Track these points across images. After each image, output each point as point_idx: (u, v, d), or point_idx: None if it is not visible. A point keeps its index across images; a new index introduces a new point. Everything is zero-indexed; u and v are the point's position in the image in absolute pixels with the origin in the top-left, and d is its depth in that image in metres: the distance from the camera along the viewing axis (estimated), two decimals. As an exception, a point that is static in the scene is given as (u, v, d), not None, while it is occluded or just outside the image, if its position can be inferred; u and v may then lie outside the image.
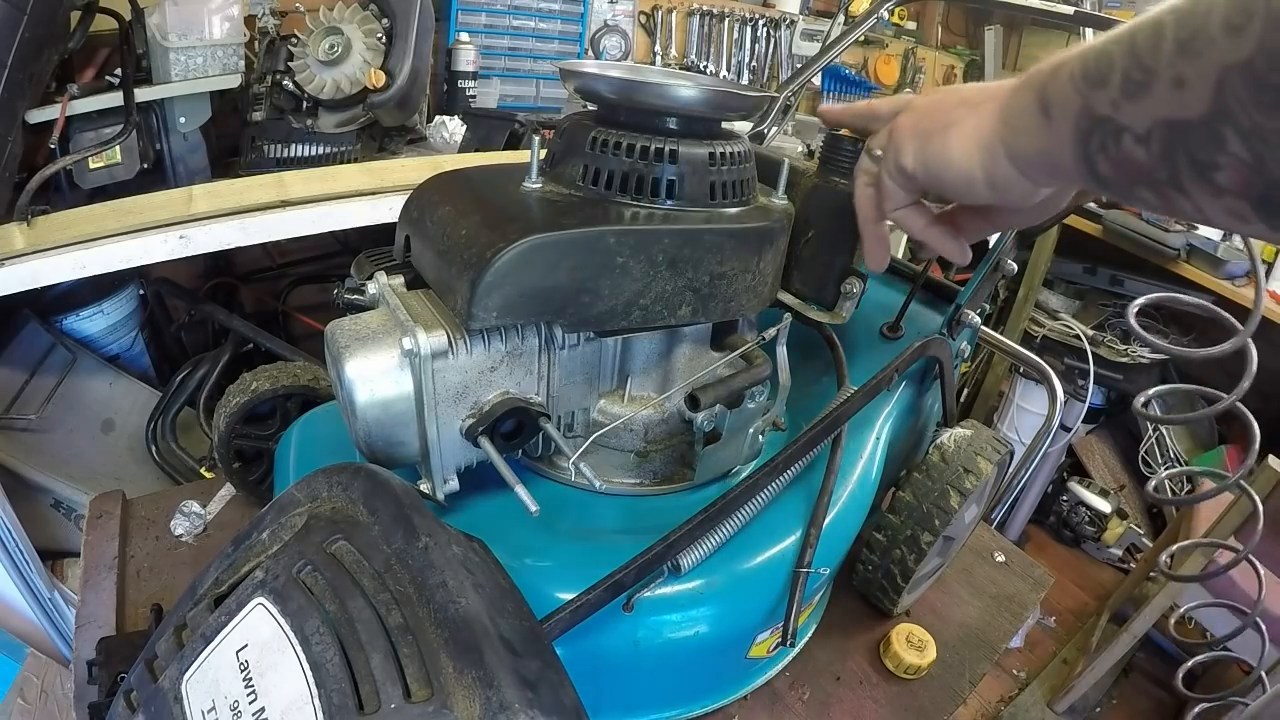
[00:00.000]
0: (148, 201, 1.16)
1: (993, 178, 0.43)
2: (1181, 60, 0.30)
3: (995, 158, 0.43)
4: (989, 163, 0.43)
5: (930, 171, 0.47)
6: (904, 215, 0.53)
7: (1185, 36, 0.29)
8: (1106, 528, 2.19)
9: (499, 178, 0.62)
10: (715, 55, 2.31)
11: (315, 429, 0.77)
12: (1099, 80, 0.34)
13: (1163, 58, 0.30)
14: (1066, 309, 2.21)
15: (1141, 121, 0.32)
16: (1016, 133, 0.41)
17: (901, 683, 0.79)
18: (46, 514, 1.38)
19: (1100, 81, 0.34)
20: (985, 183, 0.44)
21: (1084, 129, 0.35)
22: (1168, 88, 0.30)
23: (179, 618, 0.45)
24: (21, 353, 1.40)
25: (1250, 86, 0.27)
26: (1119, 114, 0.33)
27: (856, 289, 0.65)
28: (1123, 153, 0.34)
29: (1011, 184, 0.43)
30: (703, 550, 0.61)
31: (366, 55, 1.40)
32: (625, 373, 0.66)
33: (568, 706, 0.38)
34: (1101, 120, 0.34)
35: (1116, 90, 0.33)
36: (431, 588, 0.39)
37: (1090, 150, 0.36)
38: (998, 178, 0.43)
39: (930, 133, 0.46)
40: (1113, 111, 0.34)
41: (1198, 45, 0.29)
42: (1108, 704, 1.80)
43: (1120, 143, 0.34)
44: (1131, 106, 0.33)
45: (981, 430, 0.80)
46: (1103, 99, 0.34)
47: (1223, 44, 0.28)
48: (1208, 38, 0.28)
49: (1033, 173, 0.42)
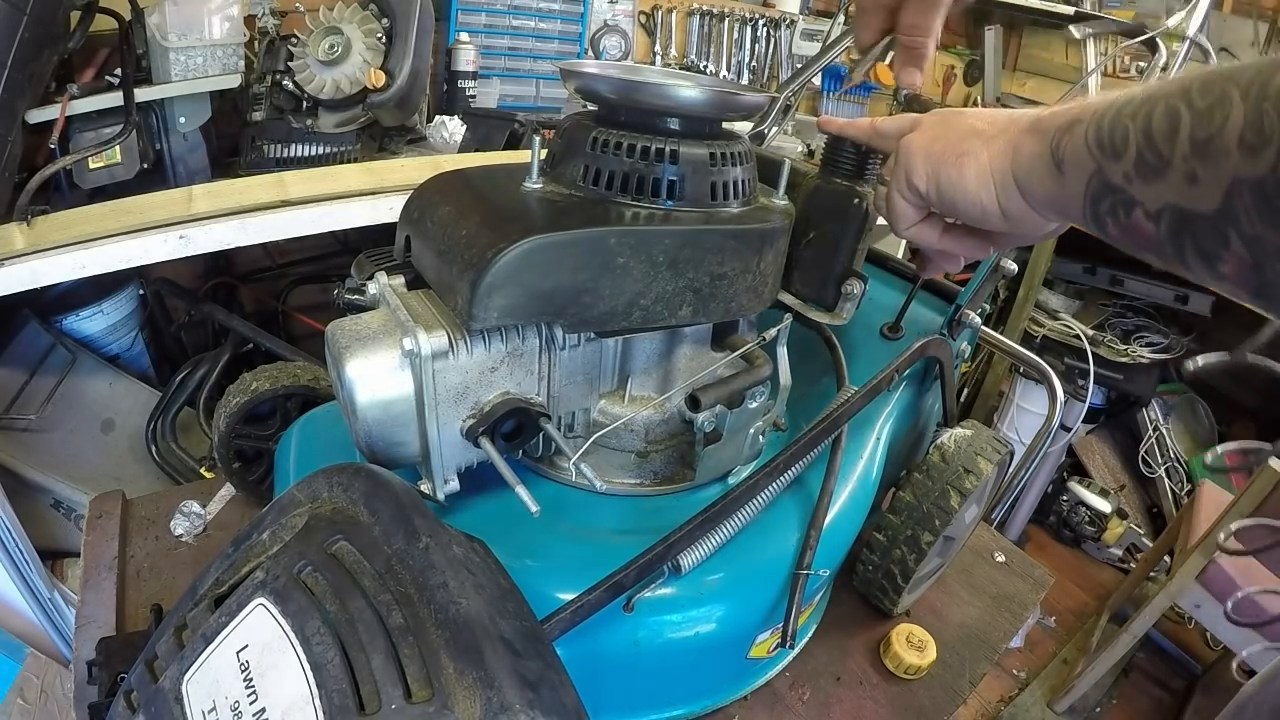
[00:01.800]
0: (148, 201, 1.16)
1: (1007, 211, 0.45)
2: (1195, 159, 0.30)
3: (1009, 194, 0.44)
4: (1003, 197, 0.44)
5: (944, 196, 0.48)
6: (916, 232, 0.54)
7: (1201, 138, 0.30)
8: (1106, 528, 2.19)
9: (499, 178, 0.62)
10: (715, 55, 2.31)
11: (315, 429, 0.77)
12: (1113, 153, 0.35)
13: (1178, 150, 0.31)
14: (1066, 309, 2.21)
15: (1153, 202, 0.33)
16: (1029, 175, 0.42)
17: (901, 683, 0.79)
18: (46, 514, 1.38)
19: (1114, 154, 0.35)
20: (999, 215, 0.45)
21: (1096, 192, 0.36)
22: (1180, 180, 0.31)
23: (179, 618, 0.45)
24: (21, 353, 1.40)
25: (1258, 202, 0.28)
26: (1131, 188, 0.34)
27: (857, 290, 0.65)
28: (1133, 223, 0.35)
29: (1025, 216, 0.44)
30: (703, 551, 0.61)
31: (366, 55, 1.40)
32: (626, 373, 0.66)
33: (568, 707, 0.38)
34: (1114, 189, 0.35)
35: (1131, 166, 0.34)
36: (432, 588, 0.40)
37: (1100, 211, 0.37)
38: (1011, 211, 0.45)
39: (943, 158, 0.47)
40: (1125, 185, 0.34)
41: (1212, 151, 0.30)
42: (1108, 704, 1.80)
43: (1131, 214, 0.35)
44: (1144, 185, 0.33)
45: (981, 430, 0.80)
46: (1116, 170, 0.35)
47: (1237, 158, 0.28)
48: (1223, 148, 0.29)
49: (1044, 211, 0.43)
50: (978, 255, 0.56)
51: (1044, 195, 0.42)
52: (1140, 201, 0.34)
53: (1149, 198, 0.33)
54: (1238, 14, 2.27)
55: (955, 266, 0.60)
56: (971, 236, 0.54)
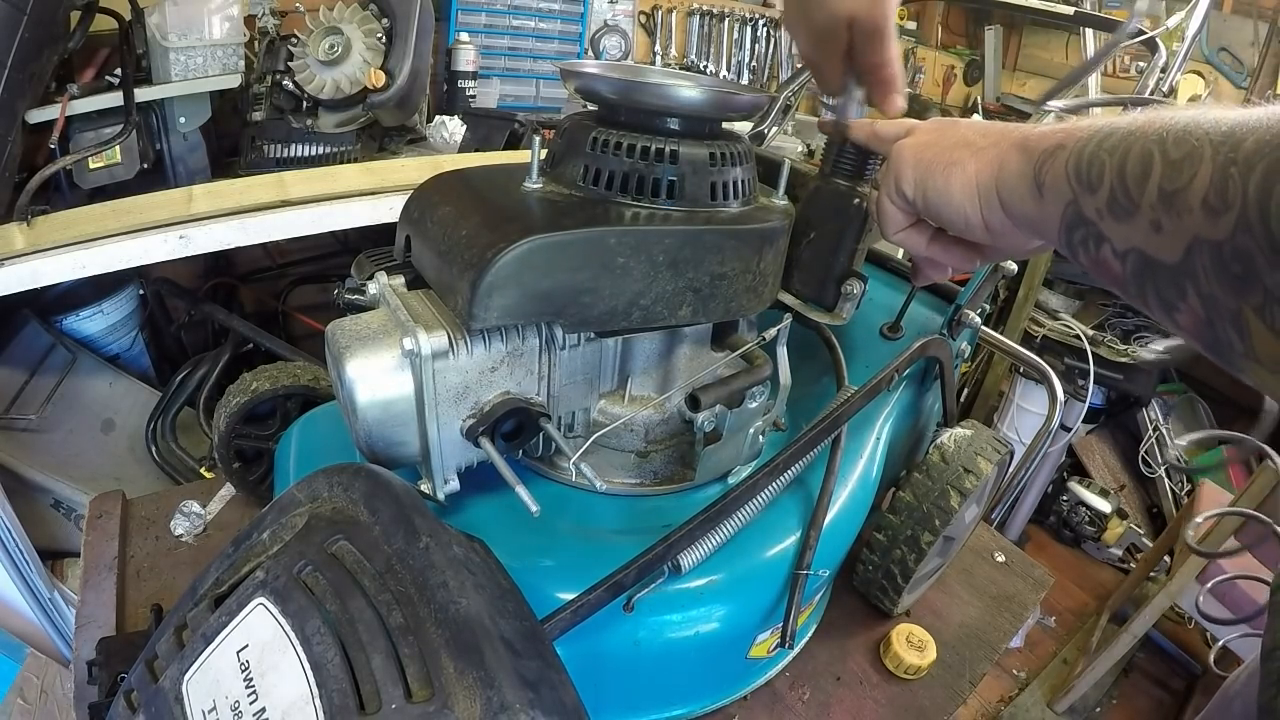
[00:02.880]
0: (148, 201, 1.16)
1: (989, 224, 0.45)
2: (1161, 209, 0.31)
3: (992, 207, 0.44)
4: (986, 210, 0.45)
5: (930, 204, 0.48)
6: (905, 236, 0.54)
7: (1169, 190, 0.30)
8: (1106, 528, 2.19)
9: (499, 178, 0.62)
10: (715, 55, 2.31)
11: (315, 429, 0.77)
12: (1089, 186, 0.35)
13: (1146, 198, 0.31)
14: (1066, 309, 2.21)
15: (1121, 242, 0.34)
16: (1011, 192, 0.42)
17: (901, 683, 0.79)
18: (46, 514, 1.38)
19: (1090, 188, 0.35)
20: (982, 227, 0.46)
21: (1070, 221, 0.37)
22: (1147, 225, 0.32)
23: (179, 618, 0.45)
24: (21, 353, 1.40)
25: (1215, 263, 0.28)
26: (1103, 224, 0.35)
27: (856, 290, 0.65)
28: (1101, 257, 0.35)
29: (1007, 231, 0.45)
30: (703, 550, 0.61)
31: (366, 55, 1.40)
32: (626, 373, 0.66)
33: (568, 706, 0.38)
34: (1087, 221, 0.36)
35: (1104, 203, 0.34)
36: (432, 588, 0.40)
37: (1074, 240, 0.37)
38: (994, 224, 0.45)
39: (932, 166, 0.47)
40: (1098, 220, 0.35)
41: (1177, 206, 0.30)
42: (1108, 704, 1.80)
43: (1100, 249, 0.35)
44: (1114, 224, 0.34)
45: (981, 430, 0.80)
46: (1090, 204, 0.35)
47: (1199, 217, 0.29)
48: (1186, 205, 0.29)
49: (1024, 229, 0.44)
50: (964, 266, 0.57)
51: (1024, 214, 0.42)
52: (1109, 239, 0.34)
53: (1118, 237, 0.34)
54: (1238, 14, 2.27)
55: (943, 276, 0.61)
56: (958, 246, 0.54)
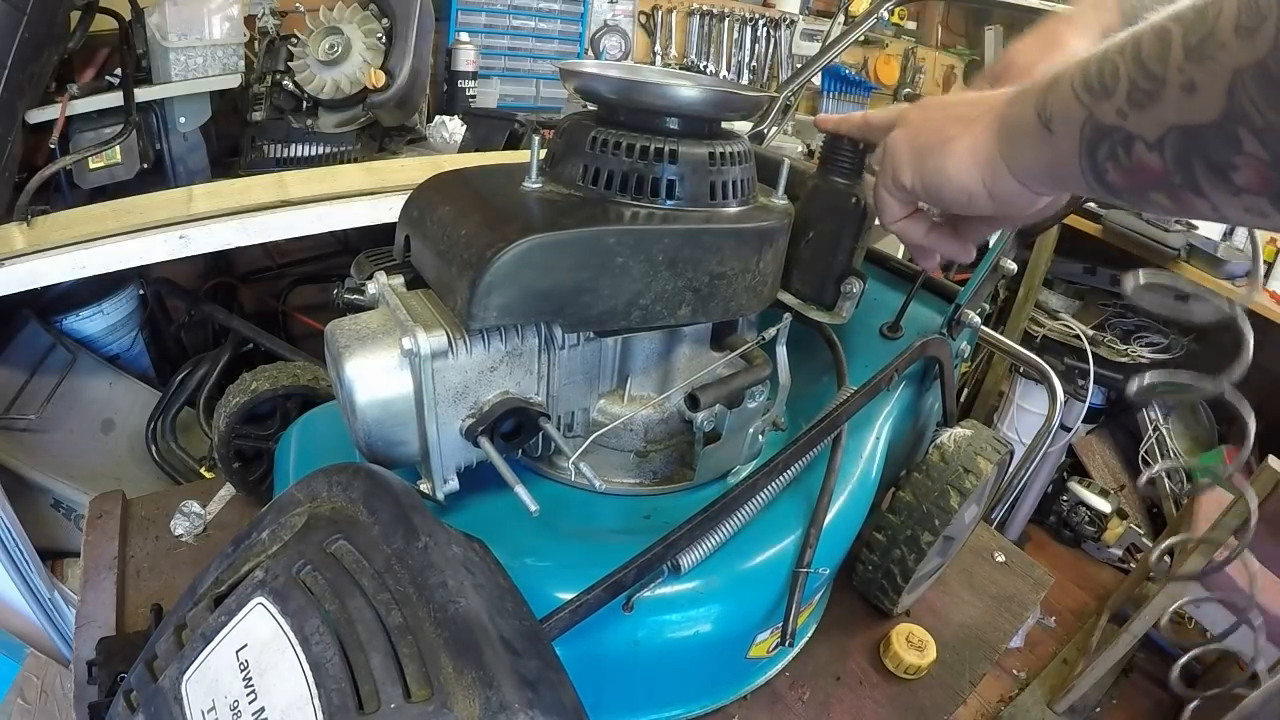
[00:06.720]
0: (148, 201, 1.16)
1: (994, 192, 0.44)
2: (1191, 66, 0.30)
3: (996, 173, 0.43)
4: (989, 178, 0.43)
5: (929, 188, 0.48)
6: (903, 226, 0.54)
7: (1194, 42, 0.29)
8: (1106, 528, 2.19)
9: (499, 178, 0.62)
10: (715, 55, 2.31)
11: (315, 429, 0.77)
12: (1103, 91, 0.34)
13: (1171, 64, 0.30)
14: (1066, 309, 2.21)
15: (1153, 129, 0.32)
16: (1016, 147, 0.41)
17: (901, 683, 0.79)
18: (46, 514, 1.38)
19: (1105, 92, 0.34)
20: (986, 197, 0.44)
21: (1091, 140, 0.35)
22: (1178, 94, 0.30)
23: (179, 618, 0.45)
24: (21, 353, 1.40)
25: (1264, 86, 0.27)
26: (1128, 123, 0.33)
27: (856, 289, 0.65)
28: (1135, 161, 0.34)
29: (1014, 196, 0.44)
30: (703, 550, 0.61)
31: (366, 55, 1.40)
32: (625, 373, 0.66)
33: (567, 706, 0.38)
34: (1110, 130, 0.34)
35: (1124, 99, 0.33)
36: (431, 588, 0.39)
37: (1098, 160, 0.36)
38: (999, 192, 0.44)
39: (926, 150, 0.47)
40: (1121, 121, 0.33)
41: (1208, 49, 0.29)
42: (1108, 704, 1.80)
43: (1131, 151, 0.34)
44: (1141, 115, 0.33)
45: (981, 430, 0.80)
46: (1109, 109, 0.34)
47: (1234, 47, 0.28)
48: (1217, 42, 0.28)
49: (1035, 184, 0.42)
50: (961, 257, 0.56)
51: (1035, 163, 0.41)
52: (1139, 134, 0.33)
53: (1147, 127, 0.32)
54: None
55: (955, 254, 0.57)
56: (956, 236, 0.54)
